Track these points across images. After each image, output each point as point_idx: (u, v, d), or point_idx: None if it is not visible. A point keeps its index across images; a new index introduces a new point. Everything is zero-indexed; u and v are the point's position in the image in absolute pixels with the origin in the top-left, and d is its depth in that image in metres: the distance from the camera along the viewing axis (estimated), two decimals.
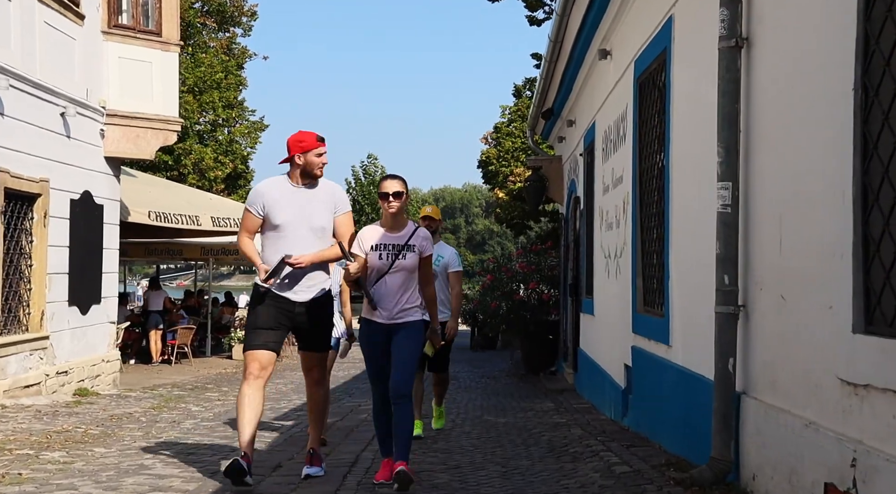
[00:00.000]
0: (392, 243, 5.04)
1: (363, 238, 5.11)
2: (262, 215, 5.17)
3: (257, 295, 5.21)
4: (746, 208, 4.31)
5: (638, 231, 6.98)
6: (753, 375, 4.25)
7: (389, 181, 5.15)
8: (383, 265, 5.03)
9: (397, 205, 5.06)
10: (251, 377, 5.08)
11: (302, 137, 5.22)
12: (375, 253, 5.03)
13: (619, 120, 7.92)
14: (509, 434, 7.29)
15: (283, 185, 5.24)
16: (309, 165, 5.15)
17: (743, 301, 4.34)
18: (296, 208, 5.14)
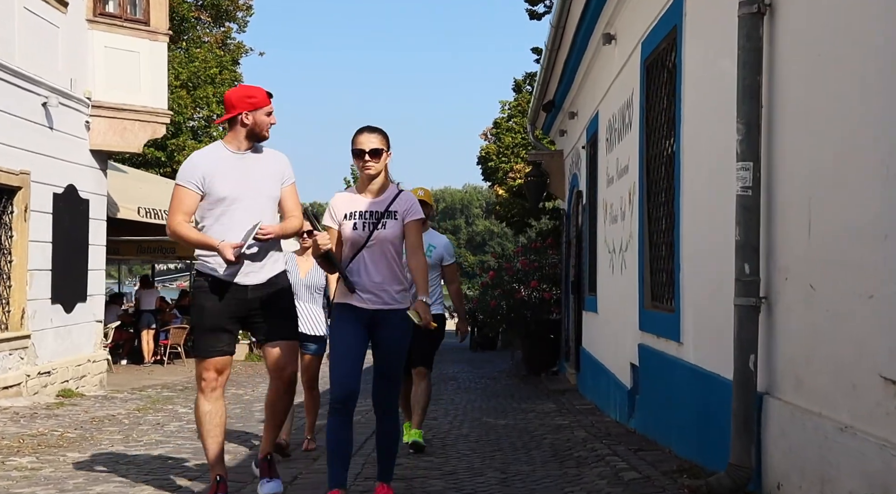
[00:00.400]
0: (369, 210, 4.25)
1: (335, 205, 4.32)
2: (201, 190, 4.40)
3: (201, 287, 4.47)
4: (769, 190, 3.93)
5: (645, 222, 6.60)
6: (777, 374, 3.86)
7: (365, 135, 4.26)
8: (359, 237, 4.22)
9: (376, 166, 4.25)
10: (207, 389, 4.43)
11: (250, 92, 4.52)
12: (349, 223, 4.24)
13: (625, 107, 7.54)
14: (510, 436, 6.91)
15: (221, 153, 4.50)
16: (258, 125, 4.46)
17: (765, 292, 3.96)
18: (241, 177, 4.42)
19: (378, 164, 4.27)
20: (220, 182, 4.40)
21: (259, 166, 4.50)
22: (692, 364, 5.17)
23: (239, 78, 20.62)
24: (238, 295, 4.43)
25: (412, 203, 4.35)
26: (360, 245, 4.25)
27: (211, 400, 4.45)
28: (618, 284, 7.87)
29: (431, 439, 6.81)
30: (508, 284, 14.04)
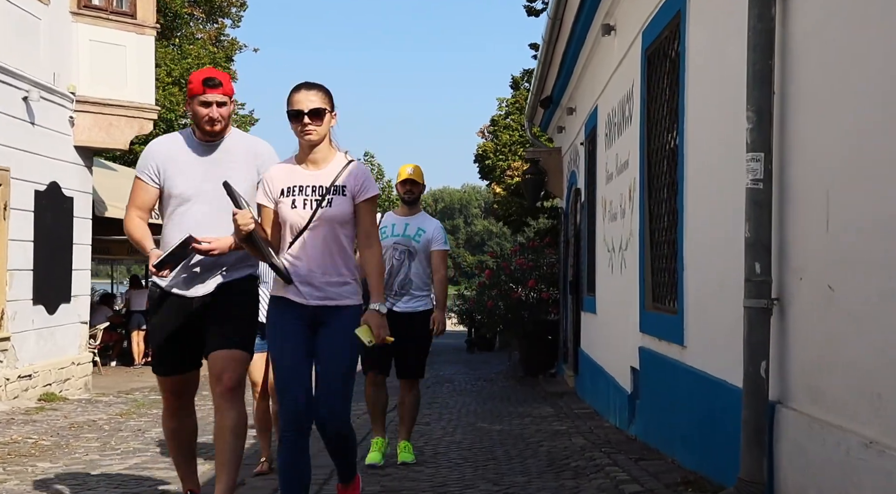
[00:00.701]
0: (311, 185, 3.59)
1: (270, 180, 3.65)
2: (157, 184, 3.87)
3: (154, 297, 3.97)
4: (782, 182, 3.63)
5: (646, 219, 6.30)
6: (792, 381, 3.56)
7: (303, 93, 3.57)
8: (298, 217, 3.57)
9: (317, 130, 3.57)
10: (170, 408, 4.01)
11: (191, 78, 3.91)
12: (287, 201, 3.59)
13: (625, 100, 7.24)
14: (504, 444, 6.61)
15: (183, 142, 3.94)
16: (194, 117, 3.85)
17: (777, 293, 3.66)
18: (201, 171, 3.81)
19: (320, 128, 3.58)
20: (177, 176, 3.86)
21: (229, 158, 3.89)
22: (696, 369, 4.87)
23: (233, 74, 20.31)
24: (185, 308, 3.87)
25: (365, 178, 3.66)
26: (301, 227, 3.58)
27: (176, 419, 4.01)
28: (617, 284, 7.57)
29: (423, 446, 6.52)
30: (505, 284, 13.74)
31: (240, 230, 3.48)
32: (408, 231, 5.76)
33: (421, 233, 5.77)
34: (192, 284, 3.82)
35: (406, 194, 5.87)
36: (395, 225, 5.81)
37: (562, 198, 13.72)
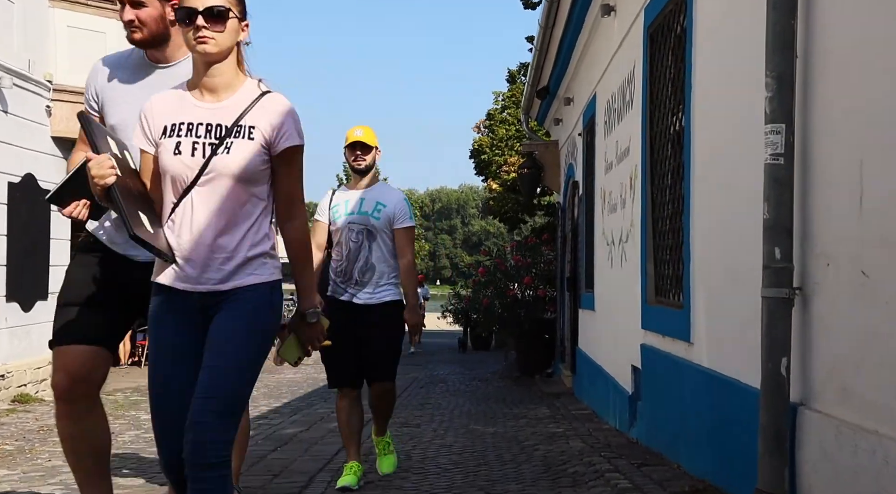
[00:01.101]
0: (206, 122, 2.63)
1: (150, 113, 2.69)
2: (97, 112, 3.14)
3: (80, 248, 3.27)
4: (805, 156, 3.24)
5: (648, 208, 5.91)
6: (817, 381, 3.17)
7: None
8: (185, 168, 2.59)
9: (216, 39, 2.59)
10: (60, 400, 3.08)
11: None
12: (170, 143, 2.63)
13: (625, 84, 6.85)
14: (498, 447, 6.21)
15: (132, 62, 3.16)
16: None
17: (800, 282, 3.27)
18: (140, 100, 2.83)
19: (221, 36, 2.60)
20: (112, 104, 3.11)
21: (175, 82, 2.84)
22: (705, 367, 4.48)
23: None
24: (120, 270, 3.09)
25: (285, 116, 2.67)
26: (187, 181, 2.60)
27: (70, 420, 3.07)
28: (617, 279, 7.18)
29: (411, 450, 6.12)
30: (501, 281, 13.36)
31: (95, 184, 2.51)
32: (364, 207, 4.83)
33: (380, 208, 4.83)
34: None
35: (356, 162, 4.86)
36: (347, 201, 4.87)
37: (559, 193, 13.33)
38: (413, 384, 12.29)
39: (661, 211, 5.66)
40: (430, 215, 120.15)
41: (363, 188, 4.92)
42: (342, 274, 4.84)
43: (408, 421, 7.86)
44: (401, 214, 4.87)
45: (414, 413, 8.61)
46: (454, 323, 18.88)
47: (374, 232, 4.82)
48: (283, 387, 11.73)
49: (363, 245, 4.80)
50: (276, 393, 11.01)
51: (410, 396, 10.55)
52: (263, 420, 8.10)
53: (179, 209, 2.62)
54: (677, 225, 5.18)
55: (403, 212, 4.89)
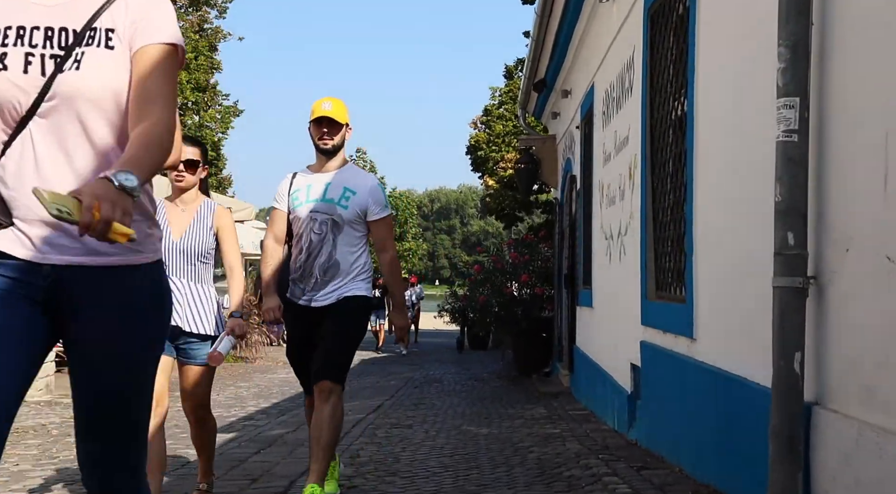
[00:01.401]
0: (43, 25, 1.89)
1: None
2: None
3: None
4: (822, 132, 2.96)
5: (648, 198, 5.63)
6: (834, 378, 2.89)
7: None
8: (16, 90, 1.86)
9: None
10: None
11: None
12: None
13: (624, 70, 6.58)
14: (490, 450, 5.93)
15: None
16: None
17: (815, 270, 2.99)
18: None
19: None
20: None
21: None
22: (709, 365, 4.20)
23: (217, 64, 19.64)
24: None
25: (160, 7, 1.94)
26: (22, 110, 1.87)
27: None
28: (616, 274, 6.90)
29: (400, 453, 5.85)
30: (497, 279, 13.07)
31: None
32: (329, 193, 4.14)
33: (349, 195, 4.14)
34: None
35: (322, 140, 4.16)
36: (310, 186, 4.19)
37: (556, 189, 13.06)
38: (408, 384, 12.01)
39: (662, 201, 5.38)
40: (429, 215, 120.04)
41: (329, 171, 4.22)
42: (301, 273, 4.18)
43: (399, 422, 7.59)
44: (375, 204, 4.18)
45: (406, 413, 8.34)
46: (451, 323, 18.63)
47: (340, 223, 4.13)
48: (274, 387, 11.45)
49: (327, 238, 4.12)
50: (265, 394, 10.73)
51: (404, 396, 10.27)
52: (250, 421, 7.83)
53: (13, 150, 1.88)
54: (679, 215, 4.90)
55: (377, 200, 4.20)
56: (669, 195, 5.19)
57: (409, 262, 37.62)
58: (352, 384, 12.67)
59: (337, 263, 4.14)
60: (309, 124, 4.20)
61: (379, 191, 4.24)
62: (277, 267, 4.27)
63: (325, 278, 4.13)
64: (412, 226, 38.43)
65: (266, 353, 16.46)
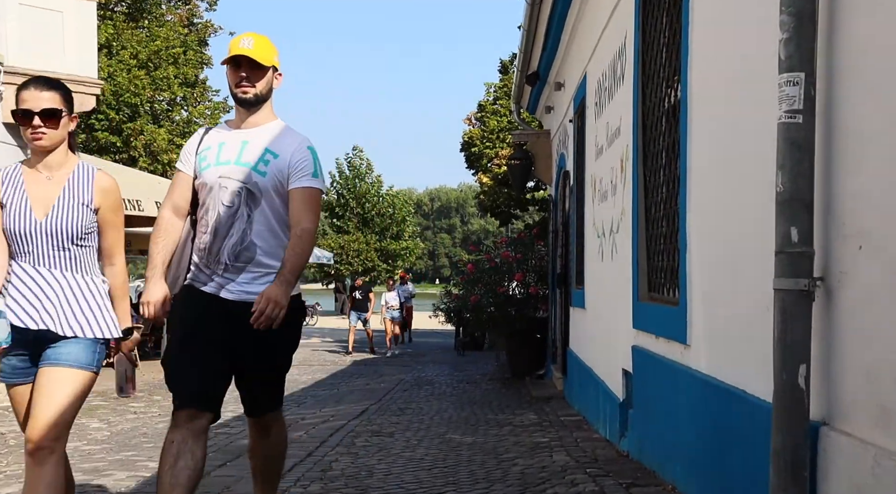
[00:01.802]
0: None
1: None
2: None
3: None
4: (830, 111, 2.58)
5: (640, 192, 5.25)
6: (846, 395, 2.51)
7: None
8: None
9: None
10: None
11: None
12: None
13: (616, 58, 6.20)
14: (472, 462, 5.55)
15: None
16: None
17: (822, 270, 2.61)
18: None
19: None
20: None
21: None
22: (704, 374, 3.82)
23: (207, 59, 19.25)
24: None
25: None
26: None
27: None
28: (608, 273, 6.52)
29: (375, 464, 5.47)
30: (491, 277, 12.69)
31: None
32: (245, 155, 3.29)
33: (269, 158, 3.28)
34: None
35: (241, 88, 3.30)
36: (223, 145, 3.33)
37: (551, 185, 12.68)
38: (398, 386, 11.65)
39: (655, 195, 5.00)
40: (430, 214, 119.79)
41: (251, 128, 3.35)
42: (205, 256, 3.29)
43: (382, 429, 7.22)
44: (299, 167, 3.26)
45: (391, 419, 7.96)
46: (447, 323, 18.25)
47: (257, 194, 3.26)
48: None
49: (240, 211, 3.25)
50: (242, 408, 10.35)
51: (392, 400, 9.90)
52: (223, 429, 7.43)
53: None
54: (672, 209, 4.52)
55: (303, 164, 3.27)
56: (662, 188, 4.81)
57: (406, 261, 37.25)
58: (340, 388, 12.32)
59: (253, 247, 3.26)
60: (226, 68, 3.34)
61: (308, 156, 3.29)
62: (173, 247, 3.34)
63: (238, 263, 3.26)
64: (409, 225, 38.05)
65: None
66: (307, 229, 3.23)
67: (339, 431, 7.11)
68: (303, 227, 3.22)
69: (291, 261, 3.16)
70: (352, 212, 36.45)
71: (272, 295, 3.03)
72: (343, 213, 36.60)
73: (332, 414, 8.43)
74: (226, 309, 3.24)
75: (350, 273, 33.46)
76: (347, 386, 12.06)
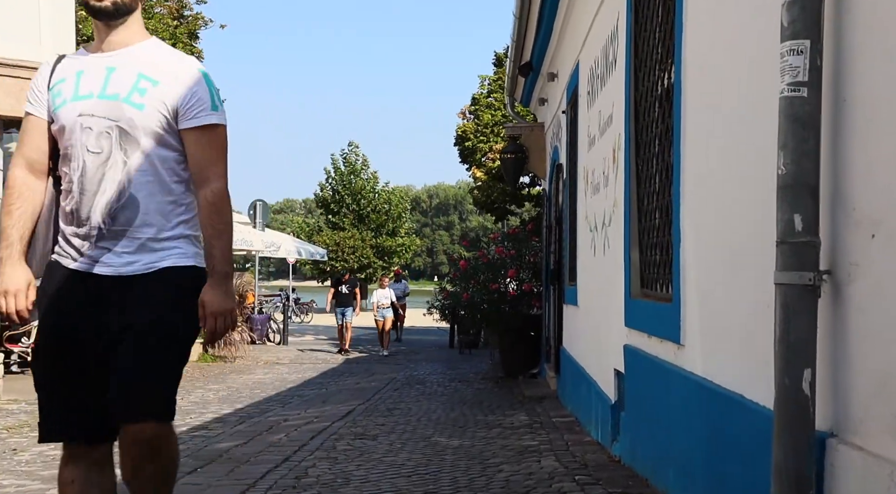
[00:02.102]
0: None
1: None
2: None
3: None
4: (838, 85, 2.29)
5: (632, 182, 4.97)
6: (857, 403, 2.22)
7: None
8: None
9: None
10: None
11: None
12: None
13: (608, 42, 5.91)
14: (455, 467, 5.26)
15: None
16: None
17: (829, 263, 2.32)
18: None
19: None
20: None
21: None
22: (698, 376, 3.54)
23: (198, 52, 18.91)
24: None
25: None
26: None
27: None
28: (600, 269, 6.24)
29: (353, 470, 5.18)
30: (483, 274, 12.40)
31: None
32: (113, 85, 2.55)
33: (148, 85, 2.55)
34: None
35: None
36: (81, 73, 2.59)
37: (545, 180, 12.40)
38: (388, 385, 11.37)
39: (648, 185, 4.71)
40: (428, 211, 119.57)
41: (114, 50, 2.60)
42: (74, 219, 2.56)
43: (366, 432, 6.93)
44: (191, 99, 2.54)
45: (377, 421, 7.68)
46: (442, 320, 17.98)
47: (132, 133, 2.53)
48: (245, 391, 10.81)
49: (112, 158, 2.52)
50: (233, 397, 10.08)
51: (381, 400, 9.62)
52: (200, 431, 7.16)
53: None
54: (665, 200, 4.23)
55: (196, 94, 2.55)
56: (655, 178, 4.52)
57: (402, 258, 36.94)
58: (329, 387, 12.03)
59: (134, 205, 2.52)
60: None
61: (201, 82, 2.56)
62: (34, 216, 2.61)
63: (115, 227, 2.52)
64: (406, 221, 37.73)
65: (247, 352, 15.82)
66: (219, 190, 2.56)
67: (321, 434, 6.83)
68: (213, 189, 2.55)
69: (219, 246, 2.51)
70: (347, 208, 36.11)
71: (214, 305, 2.47)
72: (338, 210, 36.28)
73: (317, 415, 8.15)
74: (100, 291, 2.50)
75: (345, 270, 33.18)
76: (337, 385, 11.79)
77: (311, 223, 39.29)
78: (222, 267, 2.52)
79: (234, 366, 14.49)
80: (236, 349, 15.55)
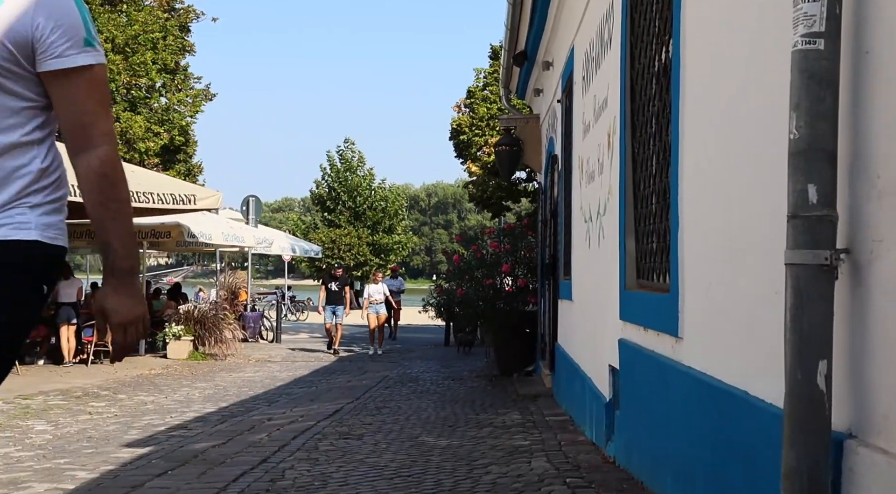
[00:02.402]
0: None
1: None
2: None
3: None
4: (858, 36, 2.00)
5: (628, 167, 4.68)
6: (878, 399, 1.93)
7: None
8: None
9: None
10: None
11: None
12: None
13: (603, 22, 5.62)
14: (441, 469, 4.97)
15: None
16: None
17: (847, 240, 2.04)
18: None
19: None
20: None
21: None
22: (698, 371, 3.25)
23: (189, 45, 18.64)
24: None
25: None
26: None
27: None
28: (595, 260, 5.95)
29: (333, 472, 4.90)
30: (476, 269, 12.11)
31: None
32: None
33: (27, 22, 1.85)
34: None
35: None
36: None
37: (540, 172, 12.11)
38: (380, 383, 11.09)
39: (644, 169, 4.42)
40: (427, 210, 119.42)
41: None
42: None
43: (351, 431, 6.65)
44: (55, 31, 1.86)
45: (364, 420, 7.39)
46: (437, 318, 17.69)
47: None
48: (232, 389, 10.53)
49: None
50: (218, 395, 9.81)
51: (370, 398, 9.34)
52: (179, 430, 6.87)
53: None
54: (663, 184, 3.95)
55: (63, 24, 1.87)
56: (651, 161, 4.23)
57: (399, 255, 36.63)
58: (319, 385, 11.74)
59: None
60: None
61: (71, 7, 1.89)
62: None
63: None
64: (402, 219, 37.43)
65: (238, 350, 15.52)
66: (107, 155, 1.93)
67: (304, 433, 6.55)
68: (100, 155, 1.91)
69: (116, 233, 1.92)
70: (343, 205, 35.82)
71: (120, 313, 1.92)
72: (334, 207, 35.97)
73: (303, 414, 7.87)
74: None
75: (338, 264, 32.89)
76: (327, 383, 11.51)
77: (308, 220, 38.97)
78: (124, 261, 1.93)
79: (225, 364, 14.22)
80: (227, 347, 15.25)
